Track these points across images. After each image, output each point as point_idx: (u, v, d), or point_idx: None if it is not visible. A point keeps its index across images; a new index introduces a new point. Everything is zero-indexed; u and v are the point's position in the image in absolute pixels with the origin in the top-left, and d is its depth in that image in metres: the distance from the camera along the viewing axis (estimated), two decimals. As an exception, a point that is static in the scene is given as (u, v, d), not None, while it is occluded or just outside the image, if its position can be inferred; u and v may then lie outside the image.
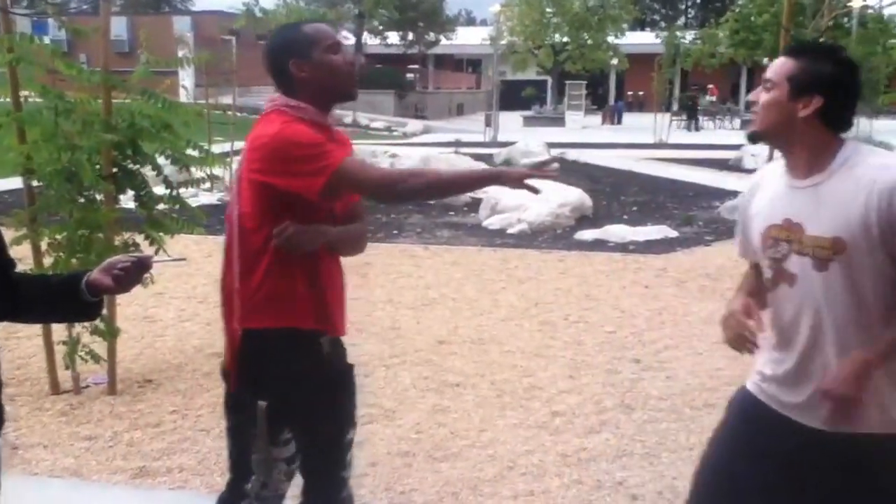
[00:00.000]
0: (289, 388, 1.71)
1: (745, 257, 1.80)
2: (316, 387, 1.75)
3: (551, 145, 15.88)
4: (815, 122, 1.53)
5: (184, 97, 18.36)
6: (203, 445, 3.11)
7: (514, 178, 1.67)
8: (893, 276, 1.50)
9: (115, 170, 3.54)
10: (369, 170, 1.78)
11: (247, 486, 1.78)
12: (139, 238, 3.68)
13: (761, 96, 1.58)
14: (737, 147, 15.63)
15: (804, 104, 1.52)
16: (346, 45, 1.80)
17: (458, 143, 17.19)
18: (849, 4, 14.13)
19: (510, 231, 8.18)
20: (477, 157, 13.89)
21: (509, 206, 8.68)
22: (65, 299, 1.54)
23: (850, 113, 1.58)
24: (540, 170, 1.83)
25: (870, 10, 19.77)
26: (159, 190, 3.72)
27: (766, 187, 1.67)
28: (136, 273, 1.56)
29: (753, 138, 1.64)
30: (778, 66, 1.57)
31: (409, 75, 34.37)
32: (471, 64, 45.08)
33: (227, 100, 13.35)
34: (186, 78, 21.75)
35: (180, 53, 7.19)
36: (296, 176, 1.65)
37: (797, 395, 1.62)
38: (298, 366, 1.73)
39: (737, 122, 28.71)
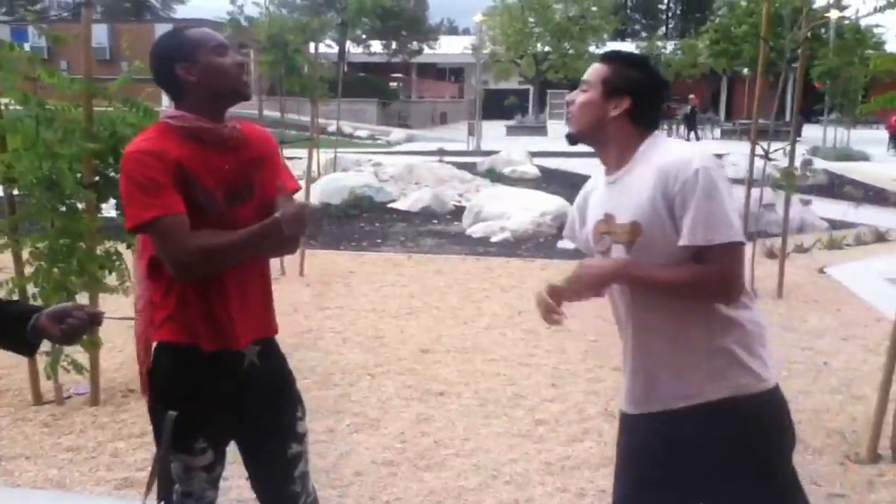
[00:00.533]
0: (193, 399, 1.73)
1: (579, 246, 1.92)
2: (220, 400, 1.77)
3: (533, 154, 15.99)
4: (625, 120, 1.67)
5: (166, 105, 18.19)
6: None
7: (290, 219, 1.67)
8: (681, 250, 1.59)
9: (96, 178, 3.52)
10: (170, 243, 1.65)
11: (172, 496, 1.80)
12: (121, 247, 3.66)
13: (578, 97, 1.70)
14: (718, 156, 15.84)
15: (615, 104, 1.66)
16: (231, 47, 1.79)
17: (441, 152, 17.24)
18: (826, 15, 14.40)
19: (493, 239, 8.21)
20: (460, 166, 13.95)
21: (492, 215, 8.72)
22: (9, 331, 1.55)
23: (656, 113, 1.73)
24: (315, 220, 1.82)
25: (847, 21, 20.16)
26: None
27: (598, 186, 1.79)
28: (85, 328, 1.56)
29: (571, 139, 1.74)
30: (593, 71, 1.70)
31: (393, 84, 34.44)
32: (453, 73, 45.26)
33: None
34: (168, 85, 21.57)
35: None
36: (126, 203, 1.70)
37: (640, 388, 1.74)
38: (200, 379, 1.74)
39: (717, 131, 29.09)
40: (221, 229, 1.71)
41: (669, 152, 1.63)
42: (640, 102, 1.67)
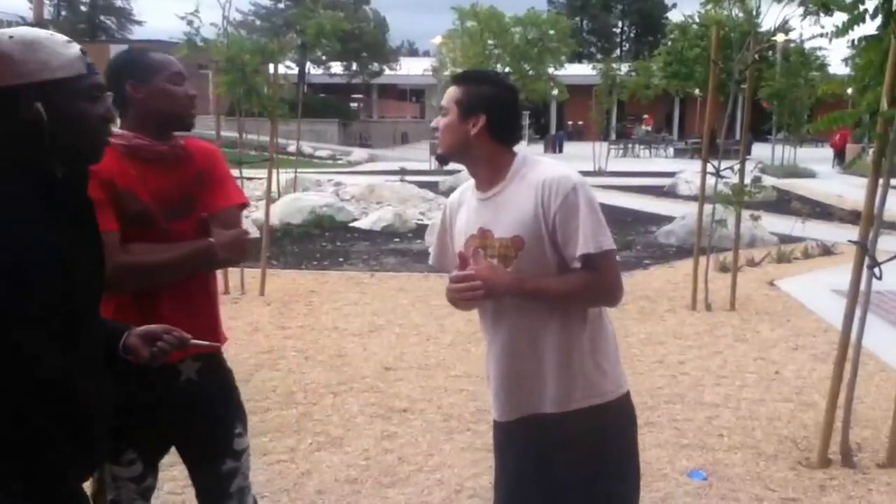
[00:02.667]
0: (123, 411, 1.70)
1: (440, 269, 1.99)
2: (151, 413, 1.78)
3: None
4: (485, 137, 1.72)
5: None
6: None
7: (225, 246, 1.73)
8: (558, 261, 1.71)
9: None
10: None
11: None
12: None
13: (440, 122, 1.76)
14: (671, 174, 16.25)
15: (473, 123, 1.71)
16: (186, 79, 1.84)
17: (403, 172, 17.30)
18: (773, 39, 14.98)
19: (455, 257, 8.26)
20: (422, 185, 14.01)
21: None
22: (106, 346, 1.51)
23: (515, 127, 1.79)
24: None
25: (792, 45, 20.97)
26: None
27: (466, 203, 1.85)
28: (172, 352, 1.57)
29: (440, 160, 1.82)
30: (448, 94, 1.76)
31: (353, 104, 34.50)
32: (414, 93, 45.55)
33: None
34: (124, 105, 21.21)
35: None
36: None
37: (515, 394, 1.80)
38: (131, 391, 1.73)
39: (671, 150, 29.83)
40: (163, 243, 1.73)
41: (546, 170, 1.71)
42: (495, 117, 1.72)
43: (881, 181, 3.15)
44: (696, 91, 28.52)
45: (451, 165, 1.97)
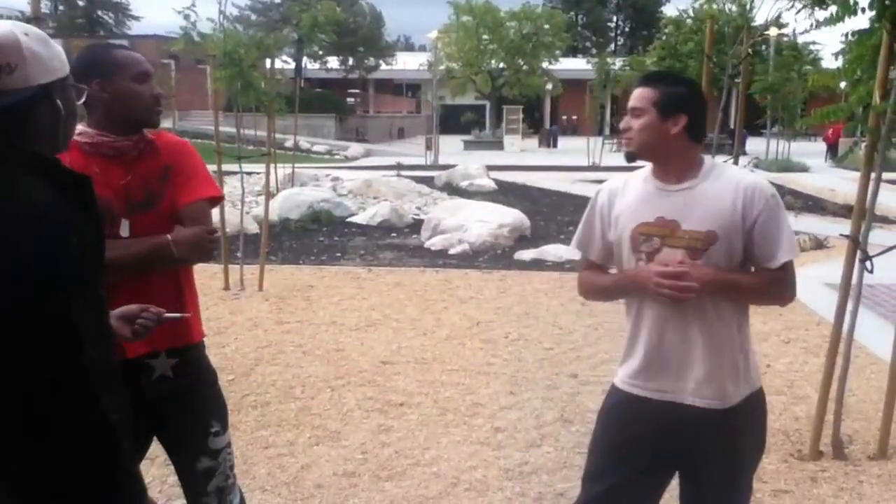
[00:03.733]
0: None
1: (589, 255, 1.99)
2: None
3: (490, 168, 16.17)
4: (683, 136, 1.80)
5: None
6: (147, 474, 3.05)
7: (182, 243, 1.73)
8: (741, 260, 1.80)
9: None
10: None
11: None
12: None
13: (633, 122, 1.82)
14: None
15: (673, 122, 1.78)
16: (152, 76, 1.84)
17: (399, 167, 17.30)
18: (766, 33, 15.01)
19: (452, 252, 8.29)
20: (418, 180, 14.03)
21: (450, 227, 8.80)
22: None
23: (705, 125, 1.87)
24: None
25: (785, 39, 21.01)
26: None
27: (626, 193, 1.89)
28: (153, 328, 1.60)
29: (631, 157, 1.87)
30: (641, 95, 1.81)
31: (350, 99, 34.43)
32: (410, 88, 45.50)
33: (166, 124, 13.08)
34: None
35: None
36: None
37: (673, 378, 1.83)
38: None
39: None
40: (119, 239, 1.72)
41: (745, 174, 1.84)
42: (694, 118, 1.80)
43: (873, 175, 3.19)
44: (692, 85, 28.48)
45: (447, 160, 1.99)
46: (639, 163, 1.87)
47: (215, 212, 4.51)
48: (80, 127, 1.79)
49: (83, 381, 1.16)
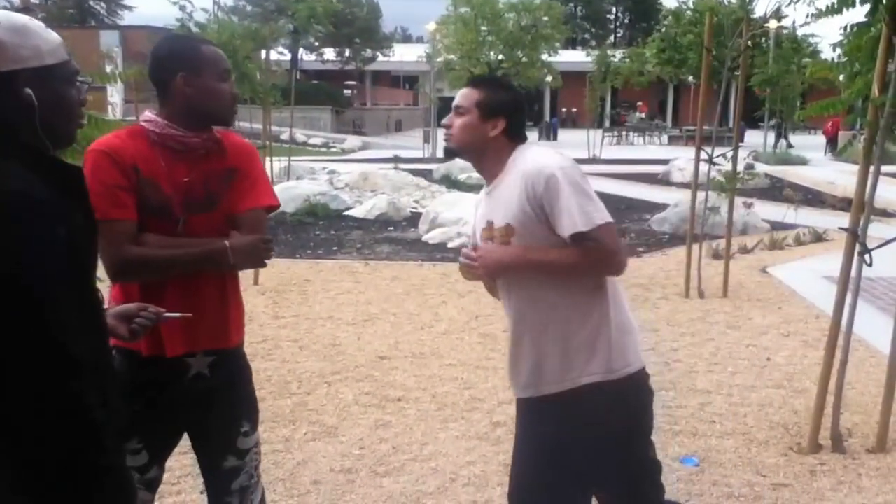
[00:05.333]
0: (130, 400, 1.72)
1: None
2: (157, 405, 1.78)
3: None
4: (501, 137, 1.87)
5: (112, 114, 17.74)
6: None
7: (239, 251, 1.73)
8: (558, 241, 1.78)
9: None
10: (105, 247, 1.63)
11: None
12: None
13: (455, 120, 1.88)
14: (665, 162, 16.26)
15: (493, 125, 1.85)
16: (231, 75, 1.85)
17: (397, 159, 17.26)
18: (765, 25, 14.96)
19: (450, 245, 8.26)
20: (416, 173, 13.99)
21: (448, 221, 8.77)
22: None
23: (524, 128, 1.93)
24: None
25: (785, 31, 20.95)
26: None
27: (481, 199, 2.00)
28: (150, 327, 1.59)
29: (449, 154, 1.93)
30: (465, 95, 1.88)
31: (347, 92, 34.31)
32: (408, 80, 45.31)
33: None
34: (115, 94, 21.07)
35: (107, 69, 7.02)
36: None
37: (519, 373, 1.89)
38: (139, 381, 1.76)
39: (665, 137, 29.82)
40: (174, 236, 1.72)
41: (528, 160, 1.82)
42: (513, 121, 1.86)
43: (872, 168, 3.17)
44: (690, 78, 28.51)
45: (443, 153, 2.02)
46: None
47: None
48: (149, 114, 1.77)
49: (63, 375, 1.13)
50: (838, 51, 3.33)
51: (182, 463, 2.84)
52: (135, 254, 1.67)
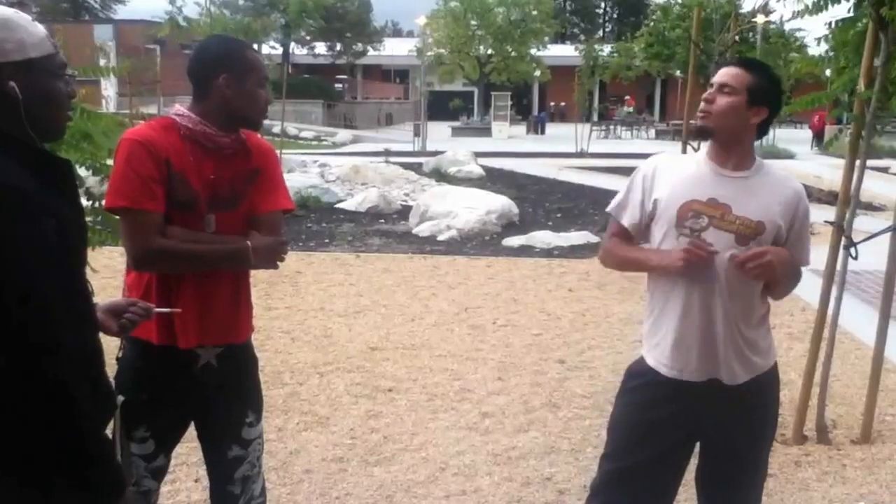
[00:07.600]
0: (139, 389, 1.77)
1: (621, 219, 1.98)
2: (166, 394, 1.80)
3: (478, 154, 16.14)
4: (755, 128, 1.83)
5: (105, 107, 17.59)
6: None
7: (260, 251, 1.76)
8: None
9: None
10: (131, 236, 1.70)
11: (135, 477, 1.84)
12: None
13: (719, 98, 1.80)
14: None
15: (755, 112, 1.80)
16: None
17: (387, 153, 17.23)
18: (753, 20, 15.04)
19: (440, 238, 8.28)
20: (406, 166, 13.98)
21: (438, 214, 8.79)
22: None
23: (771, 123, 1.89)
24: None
25: (772, 26, 21.05)
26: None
27: (674, 171, 1.89)
28: (140, 322, 1.60)
29: (705, 134, 1.84)
30: (736, 76, 1.79)
31: (338, 85, 34.15)
32: (398, 74, 45.20)
33: (152, 109, 12.92)
34: (109, 87, 20.89)
35: (101, 62, 6.97)
36: (110, 181, 1.75)
37: (695, 358, 1.86)
38: (150, 371, 1.79)
39: (652, 132, 29.91)
40: (197, 230, 1.75)
41: (791, 178, 1.90)
42: (772, 115, 1.82)
43: (858, 162, 3.21)
44: (678, 72, 28.58)
45: (435, 147, 2.01)
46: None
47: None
48: (180, 108, 1.79)
49: (48, 364, 1.14)
50: (824, 45, 3.37)
51: (176, 451, 2.84)
52: (160, 245, 1.69)
